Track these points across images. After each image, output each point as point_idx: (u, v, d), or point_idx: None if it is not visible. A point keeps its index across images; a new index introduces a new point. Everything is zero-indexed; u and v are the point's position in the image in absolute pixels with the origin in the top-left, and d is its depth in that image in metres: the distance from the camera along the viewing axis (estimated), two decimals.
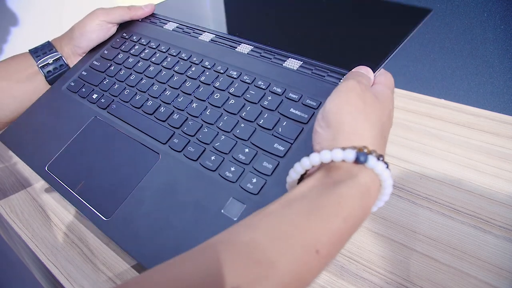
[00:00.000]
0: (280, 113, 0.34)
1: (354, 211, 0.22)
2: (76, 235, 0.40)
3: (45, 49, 0.46)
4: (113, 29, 0.49)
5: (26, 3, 0.62)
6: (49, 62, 0.45)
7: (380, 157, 0.24)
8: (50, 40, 0.47)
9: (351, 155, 0.22)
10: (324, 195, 0.22)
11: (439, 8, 0.66)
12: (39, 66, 0.45)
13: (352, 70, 0.33)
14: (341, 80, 0.34)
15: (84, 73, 0.47)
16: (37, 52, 0.45)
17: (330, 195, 0.22)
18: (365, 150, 0.23)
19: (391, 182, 0.24)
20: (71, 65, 0.48)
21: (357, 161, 0.23)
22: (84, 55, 0.49)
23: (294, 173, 0.25)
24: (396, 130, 0.59)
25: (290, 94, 0.35)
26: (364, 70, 0.31)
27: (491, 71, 0.64)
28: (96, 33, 0.47)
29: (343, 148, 0.23)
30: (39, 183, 0.48)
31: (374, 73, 0.32)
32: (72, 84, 0.46)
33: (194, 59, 0.42)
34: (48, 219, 0.42)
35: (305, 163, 0.24)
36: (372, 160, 0.23)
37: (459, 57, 0.67)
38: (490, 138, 0.55)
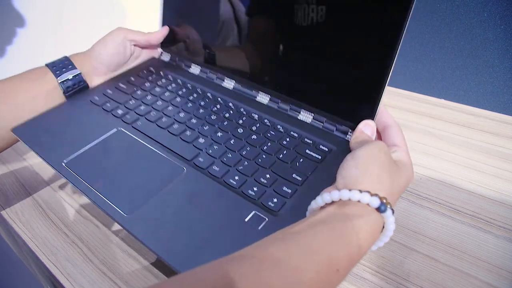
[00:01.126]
0: (297, 152, 0.39)
1: (366, 243, 0.26)
2: (76, 235, 0.40)
3: (63, 64, 0.46)
4: (131, 48, 0.51)
5: (32, 4, 0.62)
6: (69, 78, 0.45)
7: (393, 211, 0.28)
8: (67, 56, 0.47)
9: (375, 202, 0.27)
10: (345, 224, 0.26)
11: (439, 8, 0.66)
12: (59, 82, 0.45)
13: (359, 126, 0.38)
14: (348, 134, 0.40)
15: (109, 91, 0.48)
16: (56, 67, 0.45)
17: (350, 226, 0.26)
18: (384, 201, 0.27)
19: (393, 228, 0.28)
20: (89, 83, 0.48)
21: (378, 208, 0.27)
22: (105, 73, 0.50)
23: (322, 201, 0.28)
24: None
25: (305, 139, 0.40)
26: (369, 131, 0.37)
27: (491, 71, 0.64)
28: (117, 47, 0.49)
29: (371, 194, 0.27)
30: (40, 184, 0.48)
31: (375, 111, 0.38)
32: (97, 98, 0.47)
33: (219, 99, 0.47)
34: (48, 219, 0.42)
35: (335, 195, 0.28)
36: (389, 212, 0.27)
37: (459, 57, 0.67)
38: (490, 138, 0.55)
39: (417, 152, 0.53)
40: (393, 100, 0.68)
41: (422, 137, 0.56)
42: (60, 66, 0.46)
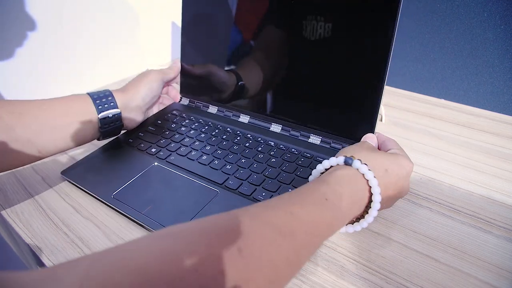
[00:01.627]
0: (311, 169, 0.43)
1: (345, 183, 0.32)
2: (76, 234, 0.40)
3: (107, 100, 0.47)
4: (162, 88, 0.58)
5: (45, 9, 0.62)
6: (109, 116, 0.47)
7: (365, 164, 0.33)
8: (110, 90, 0.49)
9: (341, 159, 0.34)
10: (327, 176, 0.33)
11: (439, 8, 0.66)
12: (100, 118, 0.46)
13: (362, 139, 0.44)
14: None
15: (141, 134, 0.55)
16: (99, 100, 0.47)
17: (332, 174, 0.33)
18: (351, 157, 0.34)
19: (374, 181, 0.32)
20: (126, 122, 0.51)
21: (346, 163, 0.34)
22: (143, 112, 0.54)
23: (312, 176, 0.36)
24: (396, 130, 0.59)
25: (317, 158, 0.47)
26: (370, 139, 0.43)
27: (491, 71, 0.64)
28: (158, 87, 0.55)
29: (336, 157, 0.34)
30: (40, 184, 0.48)
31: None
32: (131, 140, 0.53)
33: (238, 132, 0.53)
34: (48, 219, 0.42)
35: (314, 171, 0.36)
36: (357, 163, 0.33)
37: (459, 57, 0.67)
38: (490, 138, 0.55)
39: (417, 152, 0.53)
40: (393, 100, 0.68)
41: (422, 137, 0.56)
42: (103, 100, 0.47)
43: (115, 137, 0.53)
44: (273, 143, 0.50)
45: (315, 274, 0.35)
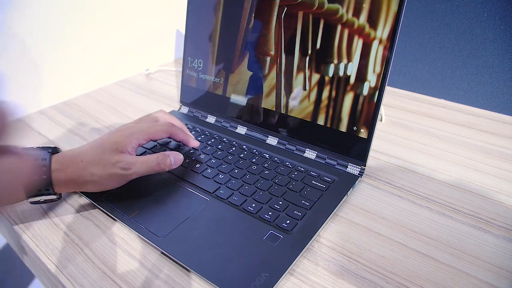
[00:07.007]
0: (305, 183, 0.45)
1: None
2: (77, 234, 0.40)
3: (41, 183, 0.38)
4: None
5: (45, 8, 0.62)
6: (40, 200, 0.40)
7: None
8: (51, 158, 0.38)
9: None
10: None
11: (439, 8, 0.66)
12: (28, 201, 0.39)
13: None
14: (347, 167, 0.47)
15: None
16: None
17: None
18: None
19: None
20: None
21: None
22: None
23: None
24: (396, 130, 0.59)
25: (311, 172, 0.47)
26: None
27: (491, 71, 0.64)
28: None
29: None
30: None
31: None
32: None
33: (234, 143, 0.54)
34: (48, 219, 0.42)
35: None
36: None
37: (459, 57, 0.67)
38: (490, 138, 0.55)
39: (417, 152, 0.53)
40: (393, 100, 0.68)
41: (422, 137, 0.56)
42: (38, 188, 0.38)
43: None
44: (267, 155, 0.51)
45: (315, 274, 0.35)
